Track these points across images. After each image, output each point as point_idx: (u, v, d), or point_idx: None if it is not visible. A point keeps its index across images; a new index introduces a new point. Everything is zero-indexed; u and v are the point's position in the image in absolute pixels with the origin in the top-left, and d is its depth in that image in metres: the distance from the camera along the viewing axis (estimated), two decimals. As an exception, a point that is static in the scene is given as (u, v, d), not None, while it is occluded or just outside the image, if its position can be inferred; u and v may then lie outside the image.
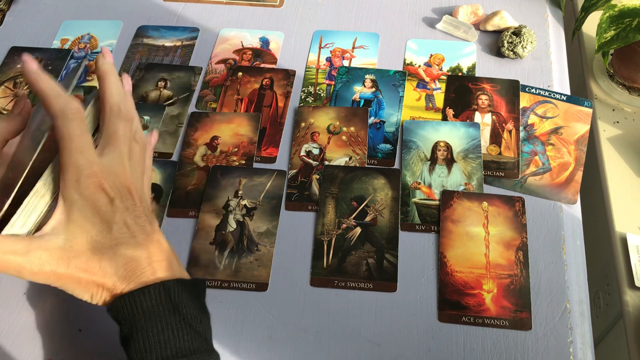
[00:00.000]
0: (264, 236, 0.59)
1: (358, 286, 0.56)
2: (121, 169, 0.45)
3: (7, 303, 0.56)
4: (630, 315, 0.61)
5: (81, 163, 0.43)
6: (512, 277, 0.55)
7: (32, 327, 0.55)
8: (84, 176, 0.43)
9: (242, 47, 0.76)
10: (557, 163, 0.63)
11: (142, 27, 0.79)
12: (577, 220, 0.60)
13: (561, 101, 0.67)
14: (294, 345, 0.53)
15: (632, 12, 0.67)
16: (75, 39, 0.78)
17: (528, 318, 0.53)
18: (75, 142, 0.43)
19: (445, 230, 0.58)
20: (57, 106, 0.44)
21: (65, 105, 0.44)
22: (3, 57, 0.76)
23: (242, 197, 0.61)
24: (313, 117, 0.67)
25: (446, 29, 0.75)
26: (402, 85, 0.70)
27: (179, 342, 0.42)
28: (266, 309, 0.55)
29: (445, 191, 0.60)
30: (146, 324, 0.42)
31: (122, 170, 0.45)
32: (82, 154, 0.43)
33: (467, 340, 0.53)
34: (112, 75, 0.48)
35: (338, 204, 0.60)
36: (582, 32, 0.83)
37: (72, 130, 0.43)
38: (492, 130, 0.65)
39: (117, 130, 0.46)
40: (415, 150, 0.64)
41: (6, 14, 0.82)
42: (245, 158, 0.65)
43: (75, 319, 0.55)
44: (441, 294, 0.55)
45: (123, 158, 0.46)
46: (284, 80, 0.72)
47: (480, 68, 0.72)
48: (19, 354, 0.53)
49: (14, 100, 0.50)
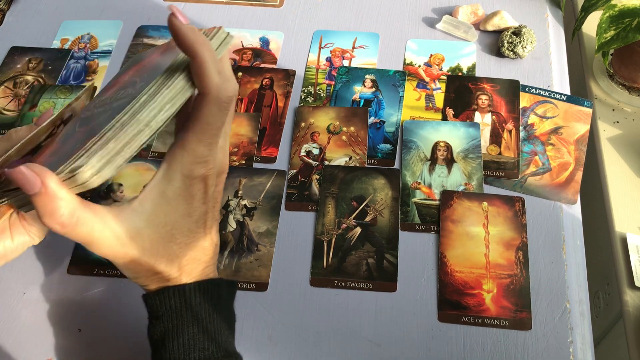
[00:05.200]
0: (264, 236, 0.59)
1: (358, 286, 0.56)
2: (224, 161, 0.43)
3: (7, 303, 0.56)
4: (630, 315, 0.61)
5: (204, 154, 0.39)
6: (512, 277, 0.55)
7: (32, 327, 0.55)
8: (199, 167, 0.40)
9: (242, 47, 0.76)
10: (557, 163, 0.63)
11: (142, 27, 0.79)
12: (577, 220, 0.60)
13: (561, 101, 0.67)
14: (294, 345, 0.53)
15: (632, 12, 0.67)
16: (75, 39, 0.78)
17: (528, 318, 0.53)
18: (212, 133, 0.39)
19: (445, 230, 0.58)
20: (215, 85, 0.38)
21: (224, 88, 0.38)
22: (3, 57, 0.76)
23: (242, 197, 0.61)
24: (313, 117, 0.67)
25: (446, 29, 0.75)
26: (402, 85, 0.70)
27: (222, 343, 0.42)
28: (266, 309, 0.55)
29: (445, 191, 0.60)
30: (193, 320, 0.41)
31: (224, 162, 0.43)
32: (210, 147, 0.40)
33: (467, 340, 0.53)
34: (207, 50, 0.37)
35: (338, 204, 0.60)
36: (582, 32, 0.83)
37: (215, 120, 0.39)
38: (492, 130, 0.65)
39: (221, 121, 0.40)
40: (415, 150, 0.64)
41: (6, 14, 0.82)
42: (245, 158, 0.65)
43: (75, 319, 0.55)
44: (441, 294, 0.55)
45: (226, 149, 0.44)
46: (284, 80, 0.72)
47: (480, 68, 0.72)
48: (19, 354, 0.53)
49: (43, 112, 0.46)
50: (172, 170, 0.39)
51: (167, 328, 0.41)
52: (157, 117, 0.37)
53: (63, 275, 0.58)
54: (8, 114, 0.71)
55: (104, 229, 0.37)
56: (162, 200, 0.40)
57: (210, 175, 0.41)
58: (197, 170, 0.40)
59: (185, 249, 0.42)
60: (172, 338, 0.41)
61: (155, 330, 0.42)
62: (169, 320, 0.41)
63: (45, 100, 0.71)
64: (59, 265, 0.58)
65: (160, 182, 0.40)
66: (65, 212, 0.35)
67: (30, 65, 0.75)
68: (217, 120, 0.39)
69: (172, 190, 0.40)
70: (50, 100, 0.71)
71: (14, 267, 0.58)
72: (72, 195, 0.36)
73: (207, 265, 0.44)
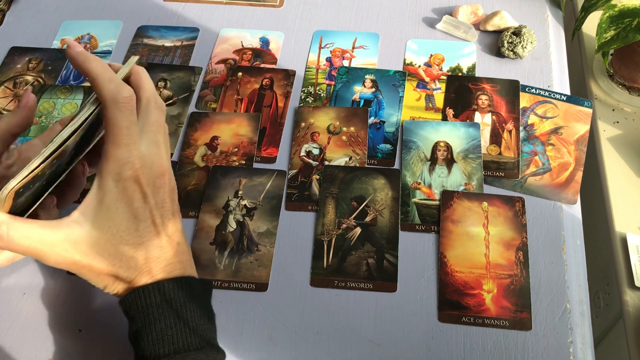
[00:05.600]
0: (264, 236, 0.59)
1: (358, 286, 0.56)
2: (159, 160, 0.46)
3: (7, 303, 0.56)
4: (630, 315, 0.61)
5: (125, 155, 0.43)
6: (512, 277, 0.55)
7: (32, 327, 0.55)
8: (125, 169, 0.43)
9: (242, 47, 0.76)
10: (557, 163, 0.63)
11: (142, 27, 0.79)
12: (577, 220, 0.60)
13: (561, 101, 0.67)
14: (294, 345, 0.53)
15: (632, 12, 0.67)
16: (75, 39, 0.78)
17: (528, 318, 0.53)
18: (123, 133, 0.43)
19: (445, 230, 0.58)
20: (109, 92, 0.43)
21: (118, 91, 0.43)
22: (3, 57, 0.76)
23: (242, 197, 0.61)
24: (313, 117, 0.67)
25: (446, 29, 0.75)
26: (402, 85, 0.70)
27: (190, 337, 0.43)
28: (266, 309, 0.55)
29: (445, 191, 0.60)
30: (159, 317, 0.43)
31: (159, 160, 0.46)
32: (127, 147, 0.43)
33: (467, 340, 0.53)
34: (142, 70, 0.48)
35: (338, 204, 0.60)
36: (582, 32, 0.83)
37: (121, 119, 0.43)
38: (492, 130, 0.65)
39: (155, 120, 0.46)
40: (415, 151, 0.64)
41: (6, 14, 0.82)
42: (245, 158, 0.65)
43: (75, 319, 0.55)
44: (441, 294, 0.55)
45: (161, 148, 0.46)
46: (284, 81, 0.72)
47: (480, 68, 0.72)
48: (19, 354, 0.53)
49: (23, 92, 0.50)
50: (103, 179, 0.43)
51: (138, 328, 0.43)
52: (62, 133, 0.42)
53: (63, 275, 0.58)
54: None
55: (44, 239, 0.41)
56: (102, 207, 0.43)
57: (141, 175, 0.43)
58: (124, 172, 0.43)
59: (138, 249, 0.44)
60: (141, 337, 0.43)
61: (131, 332, 0.44)
62: (139, 320, 0.44)
63: (45, 101, 0.71)
64: (59, 266, 0.58)
65: (96, 193, 0.43)
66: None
67: (30, 66, 0.75)
68: (122, 120, 0.43)
69: (109, 196, 0.43)
70: (50, 101, 0.71)
71: (14, 267, 0.58)
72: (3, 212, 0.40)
73: (169, 263, 0.45)
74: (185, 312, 0.44)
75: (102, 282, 0.45)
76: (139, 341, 0.43)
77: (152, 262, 0.44)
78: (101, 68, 0.44)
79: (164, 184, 0.46)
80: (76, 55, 0.44)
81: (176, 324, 0.43)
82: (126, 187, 0.43)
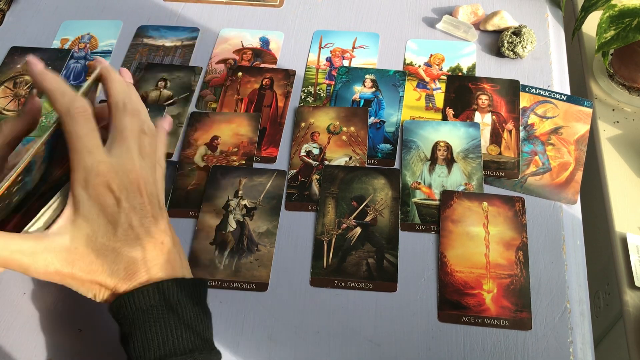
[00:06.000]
0: (264, 236, 0.59)
1: (358, 286, 0.56)
2: (130, 165, 0.45)
3: (7, 303, 0.56)
4: (630, 315, 0.61)
5: (88, 163, 0.43)
6: (512, 277, 0.55)
7: (32, 327, 0.55)
8: (91, 176, 0.43)
9: (242, 47, 0.76)
10: (557, 163, 0.63)
11: (142, 27, 0.79)
12: (577, 220, 0.60)
13: (561, 101, 0.67)
14: (294, 345, 0.53)
15: (632, 12, 0.67)
16: (75, 39, 0.78)
17: (528, 318, 0.53)
18: (83, 141, 0.43)
19: (445, 230, 0.58)
20: (62, 105, 0.44)
21: (71, 103, 0.44)
22: (3, 57, 0.76)
23: (242, 197, 0.61)
24: (313, 117, 0.67)
25: (446, 28, 0.75)
26: (402, 85, 0.70)
27: (177, 341, 0.43)
28: (266, 309, 0.55)
29: (445, 191, 0.60)
30: (144, 323, 0.43)
31: (131, 166, 0.45)
32: (90, 154, 0.43)
33: (467, 340, 0.53)
34: (111, 72, 0.48)
35: (338, 204, 0.60)
36: (582, 32, 0.83)
37: (78, 129, 0.44)
38: (492, 130, 0.65)
39: (124, 125, 0.46)
40: (415, 150, 0.64)
41: (6, 14, 0.82)
42: (245, 158, 0.65)
43: (75, 319, 0.55)
44: (441, 294, 0.55)
45: (132, 153, 0.45)
46: (284, 80, 0.72)
47: (480, 68, 0.72)
48: (19, 354, 0.53)
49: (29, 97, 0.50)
50: (74, 189, 0.43)
51: (125, 334, 0.44)
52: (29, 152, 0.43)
53: (63, 275, 0.58)
54: (8, 114, 0.71)
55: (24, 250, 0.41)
56: (78, 215, 0.43)
57: (112, 181, 0.44)
58: (90, 179, 0.43)
59: (119, 255, 0.44)
60: (127, 343, 0.43)
61: (120, 337, 0.44)
62: (125, 326, 0.44)
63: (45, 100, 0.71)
64: (59, 265, 0.58)
65: (71, 203, 0.43)
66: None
67: (30, 65, 0.75)
68: (79, 130, 0.44)
69: (82, 205, 0.43)
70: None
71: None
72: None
73: (154, 265, 0.45)
74: (172, 315, 0.43)
75: (89, 290, 0.45)
76: (127, 347, 0.43)
77: (135, 266, 0.44)
78: (55, 83, 0.45)
79: (139, 188, 0.45)
80: (35, 74, 0.45)
81: (162, 328, 0.43)
82: (97, 193, 0.43)
